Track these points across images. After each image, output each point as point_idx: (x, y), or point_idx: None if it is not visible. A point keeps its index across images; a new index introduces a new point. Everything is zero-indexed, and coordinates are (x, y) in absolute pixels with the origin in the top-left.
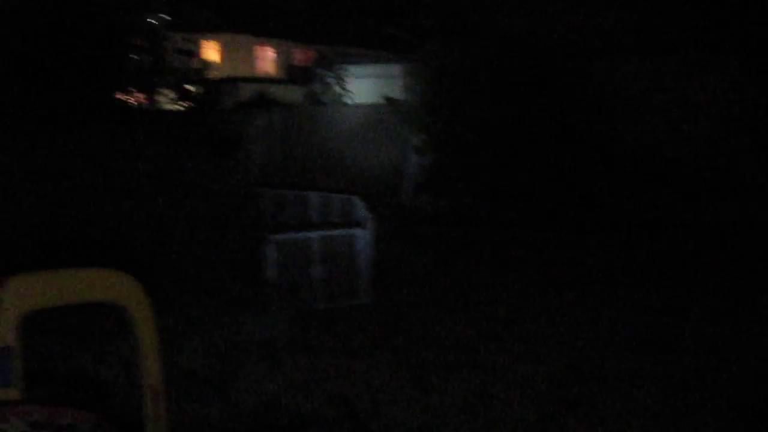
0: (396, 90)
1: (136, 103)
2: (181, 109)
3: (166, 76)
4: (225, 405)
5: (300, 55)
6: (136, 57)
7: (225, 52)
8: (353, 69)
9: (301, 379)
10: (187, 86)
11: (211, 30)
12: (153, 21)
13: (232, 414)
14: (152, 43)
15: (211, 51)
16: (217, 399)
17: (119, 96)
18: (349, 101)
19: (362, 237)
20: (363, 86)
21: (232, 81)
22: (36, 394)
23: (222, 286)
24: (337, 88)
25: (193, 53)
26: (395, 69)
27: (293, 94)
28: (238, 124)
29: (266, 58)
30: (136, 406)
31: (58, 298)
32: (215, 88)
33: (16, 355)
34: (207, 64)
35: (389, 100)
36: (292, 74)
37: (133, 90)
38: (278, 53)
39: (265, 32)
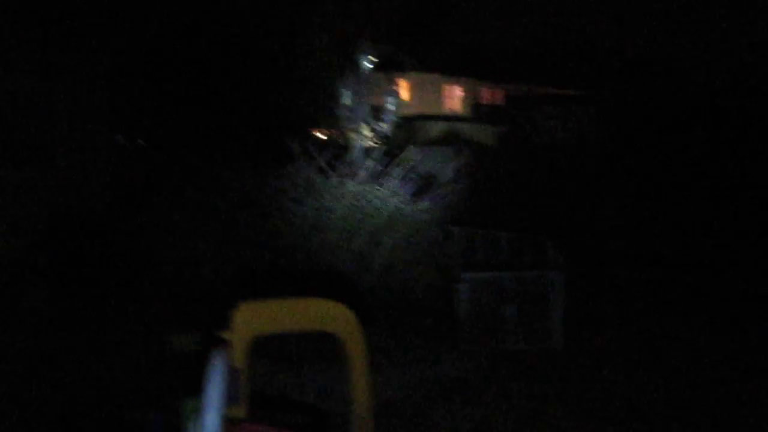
0: (586, 129)
1: (331, 139)
2: (374, 145)
3: (365, 114)
4: None
5: (487, 94)
6: (340, 96)
7: (414, 90)
8: (542, 108)
9: (494, 419)
10: (382, 123)
11: (404, 70)
12: (359, 63)
13: None
14: (356, 83)
15: (401, 89)
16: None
17: (315, 132)
18: (538, 141)
19: (555, 279)
20: (551, 126)
21: (422, 118)
22: (258, 414)
23: (416, 321)
24: (526, 128)
25: (394, 93)
26: (584, 109)
27: (481, 132)
28: (429, 162)
29: (454, 97)
30: None
31: (283, 325)
32: (407, 125)
33: (244, 376)
34: (399, 102)
35: (579, 141)
36: (479, 113)
37: (331, 127)
38: (465, 92)
39: (453, 71)
